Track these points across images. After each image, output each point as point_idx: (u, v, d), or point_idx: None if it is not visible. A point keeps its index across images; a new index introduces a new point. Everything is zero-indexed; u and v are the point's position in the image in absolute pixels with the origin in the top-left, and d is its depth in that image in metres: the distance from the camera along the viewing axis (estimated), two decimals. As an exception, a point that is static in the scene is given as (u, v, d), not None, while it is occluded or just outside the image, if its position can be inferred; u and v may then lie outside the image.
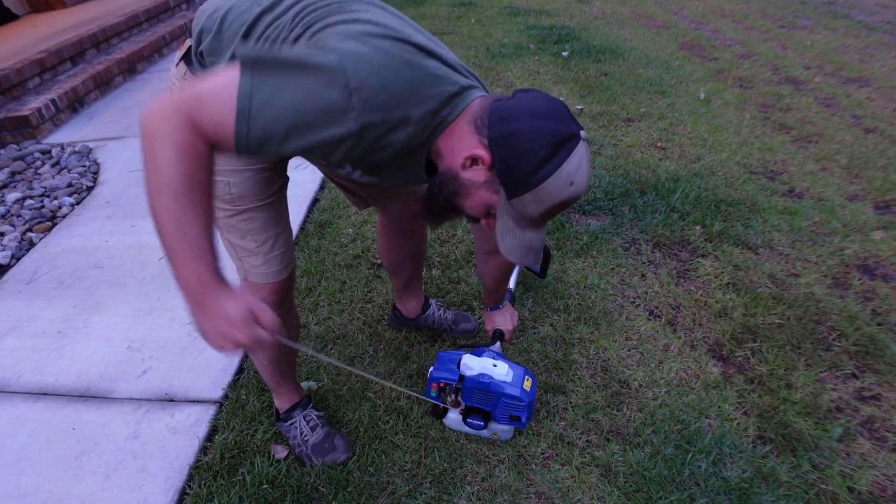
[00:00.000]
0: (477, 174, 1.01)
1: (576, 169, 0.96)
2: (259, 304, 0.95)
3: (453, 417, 1.56)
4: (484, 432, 1.59)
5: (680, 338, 1.99)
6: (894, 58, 4.63)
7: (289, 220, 1.36)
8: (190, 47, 1.19)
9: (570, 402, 1.75)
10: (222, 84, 0.89)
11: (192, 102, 0.89)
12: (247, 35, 1.08)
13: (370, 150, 0.96)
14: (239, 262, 1.34)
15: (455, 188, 1.05)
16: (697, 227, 2.53)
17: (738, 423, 1.69)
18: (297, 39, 1.02)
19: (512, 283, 1.91)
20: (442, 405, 1.52)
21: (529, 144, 0.95)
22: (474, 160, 1.00)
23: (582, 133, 0.97)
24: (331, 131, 0.89)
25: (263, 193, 1.25)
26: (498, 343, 1.66)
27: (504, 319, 1.70)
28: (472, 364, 1.44)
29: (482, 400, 1.46)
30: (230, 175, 1.21)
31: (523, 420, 1.44)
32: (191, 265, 0.90)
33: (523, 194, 0.98)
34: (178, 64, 1.23)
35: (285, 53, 0.91)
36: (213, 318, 0.92)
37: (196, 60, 1.18)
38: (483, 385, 1.43)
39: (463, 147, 1.01)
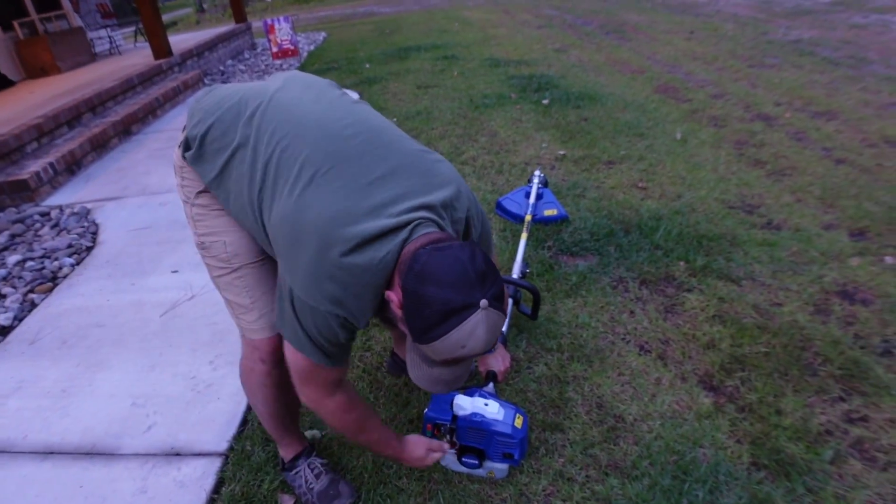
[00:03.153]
0: (396, 310, 1.11)
1: (467, 336, 1.03)
2: (429, 440, 1.53)
3: (449, 458, 1.60)
4: (480, 471, 1.63)
5: (671, 371, 2.05)
6: (859, 91, 4.84)
7: None
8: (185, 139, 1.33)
9: (568, 439, 1.80)
10: (296, 359, 1.25)
11: (312, 385, 1.31)
12: (225, 166, 1.27)
13: (383, 305, 1.20)
14: (236, 319, 1.42)
15: (390, 311, 1.17)
16: (681, 263, 2.61)
17: (731, 451, 1.73)
18: (260, 190, 1.21)
19: (504, 327, 1.98)
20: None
21: (425, 308, 1.04)
22: (391, 299, 1.11)
23: (483, 302, 1.03)
24: (356, 325, 1.20)
25: (257, 251, 1.34)
26: (491, 384, 1.72)
27: (497, 361, 1.75)
28: (465, 404, 1.50)
29: (476, 439, 1.51)
30: (226, 234, 1.30)
31: (516, 457, 1.49)
32: (387, 450, 1.48)
33: (420, 345, 1.09)
34: (179, 146, 1.35)
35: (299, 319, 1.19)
36: (412, 461, 1.51)
37: (188, 157, 1.32)
38: (475, 424, 1.48)
39: (392, 285, 1.13)
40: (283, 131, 1.20)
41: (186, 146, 1.31)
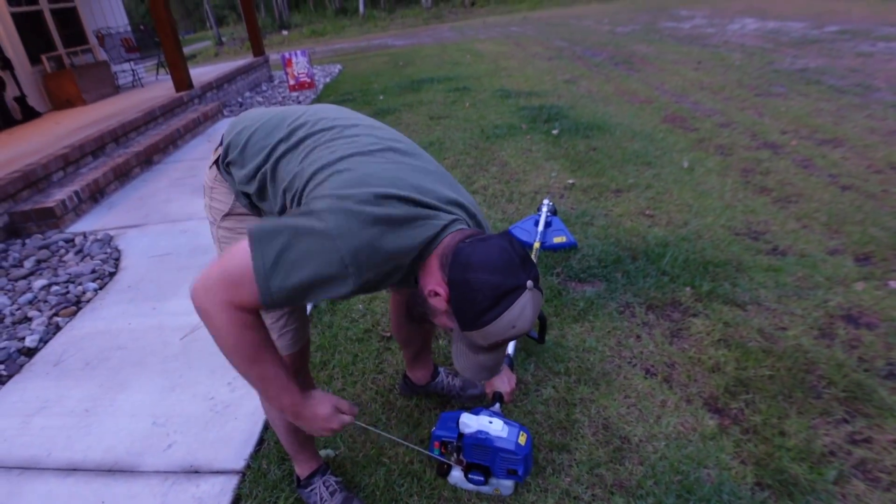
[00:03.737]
0: (438, 303, 1.17)
1: (518, 315, 1.11)
2: (338, 398, 1.31)
3: (456, 475, 1.65)
4: (486, 488, 1.68)
5: (676, 393, 2.09)
6: (865, 118, 4.90)
7: None
8: (220, 155, 1.39)
9: (575, 459, 1.84)
10: (241, 262, 1.08)
11: (223, 285, 1.10)
12: (266, 160, 1.30)
13: (372, 288, 1.18)
14: None
15: (424, 307, 1.22)
16: (687, 289, 2.66)
17: (735, 472, 1.76)
18: (300, 166, 1.23)
19: (511, 350, 2.05)
20: (446, 463, 1.62)
21: (477, 294, 1.10)
22: (437, 293, 1.16)
23: (528, 283, 1.11)
24: (338, 290, 1.09)
25: None
26: (497, 404, 1.78)
27: (502, 382, 1.81)
28: (470, 422, 1.56)
29: (481, 456, 1.57)
30: None
31: (520, 473, 1.54)
32: (283, 397, 1.23)
33: (471, 331, 1.15)
34: (210, 167, 1.43)
35: (284, 221, 1.11)
36: (311, 421, 1.27)
37: (223, 169, 1.38)
38: (480, 441, 1.54)
39: (430, 279, 1.18)
40: (331, 121, 1.31)
41: (225, 154, 1.38)
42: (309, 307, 2.68)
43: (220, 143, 1.41)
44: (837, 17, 11.17)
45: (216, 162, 1.41)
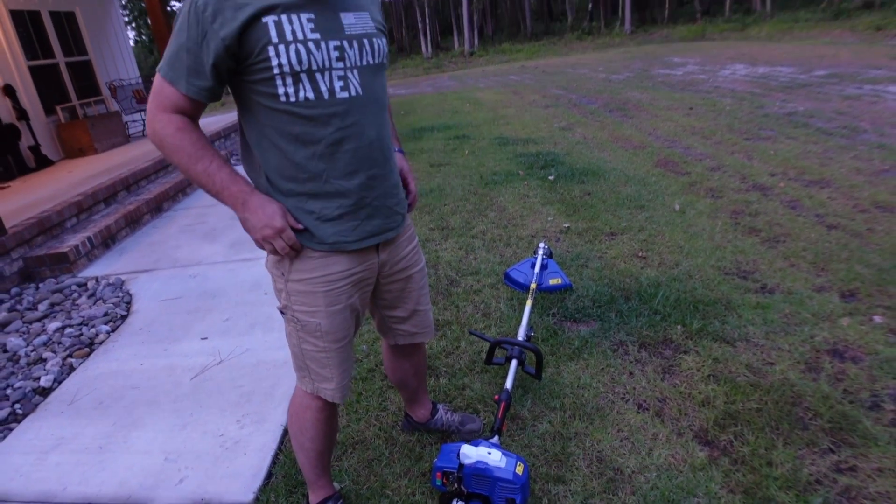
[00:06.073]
0: None
1: None
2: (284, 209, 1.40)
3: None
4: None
5: (667, 427, 2.17)
6: (851, 159, 5.07)
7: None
8: None
9: (570, 490, 1.91)
10: (155, 87, 1.34)
11: (152, 102, 1.33)
12: None
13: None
14: (311, 384, 1.60)
15: None
16: (679, 327, 2.76)
17: (724, 501, 1.83)
18: None
19: (509, 384, 2.14)
20: (447, 493, 1.70)
21: None
22: None
23: None
24: (206, 27, 1.26)
25: (346, 331, 1.55)
26: (496, 437, 1.86)
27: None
28: (470, 453, 1.65)
29: (480, 485, 1.65)
30: (323, 317, 1.50)
31: (518, 501, 1.62)
32: (232, 186, 1.36)
33: None
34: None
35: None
36: (256, 211, 1.37)
37: None
38: (479, 471, 1.63)
39: None
40: None
41: None
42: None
43: None
44: (825, 62, 11.55)
45: None
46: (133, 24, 32.94)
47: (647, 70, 14.00)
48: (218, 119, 10.38)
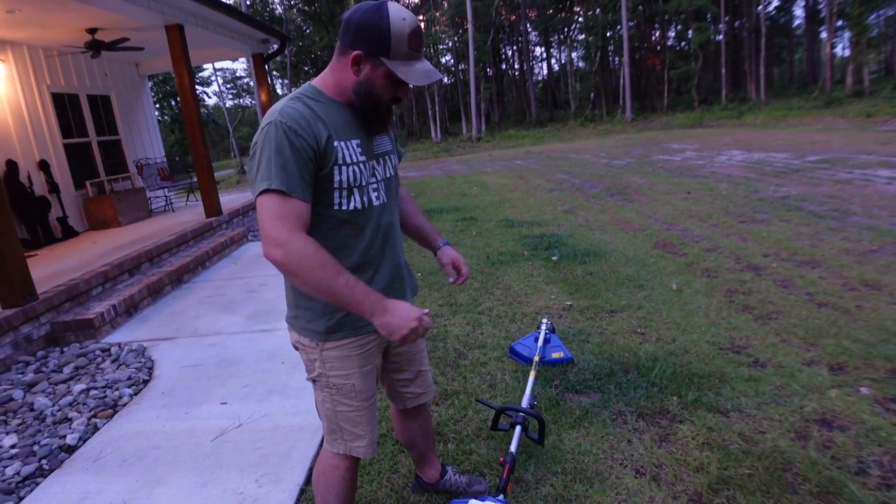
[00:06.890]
0: (363, 66, 1.52)
1: (398, 11, 1.47)
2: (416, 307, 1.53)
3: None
4: (493, 572, 1.86)
5: (663, 491, 2.28)
6: (841, 240, 5.31)
7: None
8: None
9: (571, 549, 2.02)
10: (264, 205, 1.45)
11: (274, 228, 1.42)
12: None
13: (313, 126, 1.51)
14: (343, 444, 1.76)
15: (369, 88, 1.54)
16: (675, 398, 2.91)
17: (717, 560, 1.94)
18: None
19: (513, 447, 2.29)
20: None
21: (363, 27, 1.47)
22: (355, 63, 1.51)
23: None
24: (293, 138, 1.47)
25: (372, 391, 1.75)
26: (502, 495, 1.99)
27: (457, 256, 2.09)
28: (478, 509, 1.79)
29: (488, 539, 1.78)
30: (356, 378, 1.70)
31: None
32: (371, 296, 1.46)
33: (388, 46, 1.48)
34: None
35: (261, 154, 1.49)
36: (395, 312, 1.46)
37: None
38: (485, 526, 1.76)
39: (344, 67, 1.55)
40: None
41: None
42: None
43: None
44: (818, 148, 12.05)
45: None
46: (158, 106, 34.61)
47: (647, 156, 14.57)
48: (236, 197, 10.84)
